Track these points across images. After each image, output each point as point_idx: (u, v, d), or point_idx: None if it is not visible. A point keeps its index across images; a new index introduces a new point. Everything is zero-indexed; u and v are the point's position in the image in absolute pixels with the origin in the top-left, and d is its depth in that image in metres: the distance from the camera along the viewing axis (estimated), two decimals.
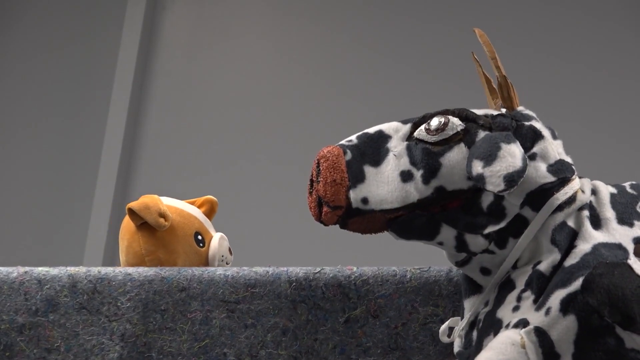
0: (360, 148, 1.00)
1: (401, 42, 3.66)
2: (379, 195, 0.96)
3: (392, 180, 0.97)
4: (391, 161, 0.99)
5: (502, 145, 0.94)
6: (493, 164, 0.92)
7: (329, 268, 1.24)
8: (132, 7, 4.00)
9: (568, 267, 0.92)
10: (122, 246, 1.44)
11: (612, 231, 0.97)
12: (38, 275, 1.31)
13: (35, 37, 4.13)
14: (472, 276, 1.04)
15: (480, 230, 0.97)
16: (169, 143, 3.83)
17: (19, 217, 3.85)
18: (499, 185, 0.91)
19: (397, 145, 1.00)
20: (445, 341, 1.07)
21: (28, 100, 4.06)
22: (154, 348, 1.24)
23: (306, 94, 3.74)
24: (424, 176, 0.97)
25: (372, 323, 1.19)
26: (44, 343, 1.27)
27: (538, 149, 0.99)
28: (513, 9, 3.55)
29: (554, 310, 0.89)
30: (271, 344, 1.22)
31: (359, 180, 0.97)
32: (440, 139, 0.98)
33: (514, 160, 0.92)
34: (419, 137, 0.99)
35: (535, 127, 1.01)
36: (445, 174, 0.96)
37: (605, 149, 3.24)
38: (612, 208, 1.00)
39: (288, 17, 3.93)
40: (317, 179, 0.99)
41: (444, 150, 0.97)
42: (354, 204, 0.96)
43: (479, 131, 0.98)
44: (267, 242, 3.40)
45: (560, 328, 0.87)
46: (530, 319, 0.90)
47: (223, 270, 1.28)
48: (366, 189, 0.97)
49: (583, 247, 0.94)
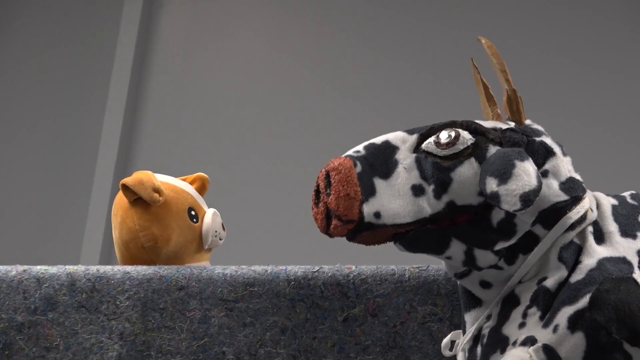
0: (369, 160, 0.97)
1: (399, 40, 3.66)
2: (391, 210, 0.94)
3: (404, 194, 0.95)
4: (401, 174, 0.97)
5: (517, 162, 0.92)
6: (508, 182, 0.90)
7: (328, 267, 1.24)
8: (129, 5, 4.00)
9: (574, 284, 0.92)
10: (115, 222, 1.44)
11: (615, 245, 0.96)
12: (37, 274, 1.31)
13: (32, 35, 4.12)
14: (470, 288, 1.03)
15: (491, 247, 0.96)
16: (165, 142, 3.82)
17: (17, 216, 3.84)
18: (515, 205, 0.89)
19: (405, 157, 0.98)
20: (447, 355, 1.06)
21: (24, 98, 4.05)
22: (152, 347, 1.24)
23: (303, 91, 3.74)
24: (435, 191, 0.95)
25: (370, 322, 1.19)
26: (43, 342, 1.27)
27: (550, 166, 0.98)
28: (513, 8, 3.55)
29: (561, 328, 0.89)
30: (270, 342, 1.22)
31: (371, 194, 0.95)
32: (451, 153, 0.96)
33: (530, 179, 0.91)
34: (428, 150, 0.97)
35: (547, 144, 1.00)
36: (456, 189, 0.95)
37: (605, 149, 3.25)
38: (615, 221, 0.99)
39: (284, 14, 3.93)
40: (326, 191, 0.96)
41: (455, 164, 0.95)
42: (367, 218, 0.94)
43: (489, 146, 0.97)
44: (265, 241, 3.40)
45: (569, 345, 0.88)
46: (537, 337, 0.90)
47: (222, 269, 1.28)
48: (378, 203, 0.94)
49: (588, 262, 0.94)
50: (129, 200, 1.41)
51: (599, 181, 1.05)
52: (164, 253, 1.40)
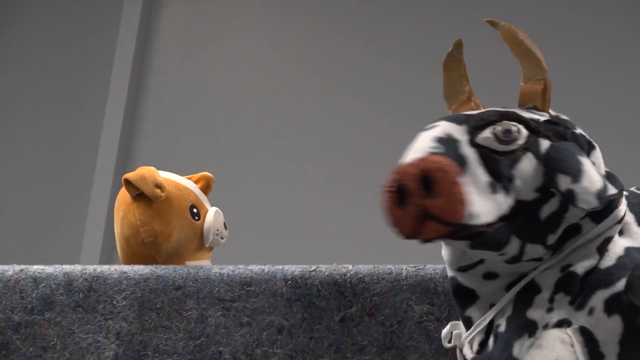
0: (449, 156, 0.91)
1: (399, 40, 3.66)
2: (479, 209, 0.89)
3: (484, 192, 0.91)
4: (473, 169, 0.92)
5: (581, 159, 0.91)
6: (582, 180, 0.89)
7: (325, 266, 1.24)
8: (129, 5, 4.00)
9: (605, 269, 0.91)
10: (117, 218, 1.44)
11: (634, 235, 0.96)
12: (34, 274, 1.31)
13: (32, 35, 4.13)
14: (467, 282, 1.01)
15: (543, 241, 0.94)
16: (165, 143, 3.82)
17: (15, 215, 3.85)
18: (592, 203, 0.89)
19: (469, 152, 0.93)
20: (447, 346, 1.05)
21: (24, 99, 4.05)
22: (149, 346, 1.24)
23: (303, 91, 3.74)
24: (505, 187, 0.92)
25: (367, 321, 1.19)
26: (40, 341, 1.27)
27: (594, 159, 0.97)
28: (513, 9, 3.55)
29: (598, 311, 0.88)
30: (267, 342, 1.21)
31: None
32: (512, 149, 0.93)
33: (597, 176, 0.90)
34: (486, 144, 0.94)
35: (585, 135, 0.99)
36: (519, 185, 0.92)
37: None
38: (630, 211, 0.99)
39: (284, 14, 3.93)
40: (426, 192, 0.88)
41: (515, 160, 0.93)
42: (468, 220, 0.88)
43: (539, 139, 0.94)
44: (263, 240, 3.40)
45: (606, 328, 0.87)
46: (572, 319, 0.89)
47: (219, 268, 1.28)
48: (472, 203, 0.89)
49: (615, 250, 0.93)
50: (132, 196, 1.41)
51: None
52: (165, 249, 1.40)
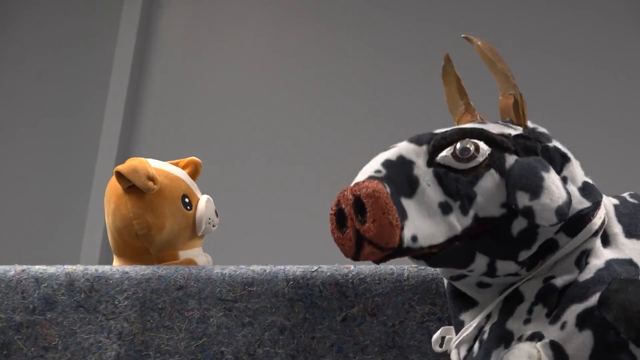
0: (392, 179, 0.92)
1: (399, 40, 3.66)
2: (425, 231, 0.90)
3: (434, 214, 0.91)
4: (426, 192, 0.92)
5: (544, 174, 0.90)
6: (541, 196, 0.88)
7: (327, 266, 1.24)
8: (129, 5, 4.00)
9: (582, 282, 0.91)
10: (109, 209, 1.43)
11: (621, 246, 0.96)
12: (35, 274, 1.31)
13: (32, 35, 4.12)
14: (464, 289, 1.02)
15: (514, 257, 0.94)
16: (165, 143, 3.82)
17: (16, 216, 3.84)
18: (552, 220, 0.88)
19: (424, 172, 0.94)
20: (437, 350, 1.05)
21: (24, 98, 4.05)
22: (151, 346, 1.24)
23: (302, 90, 3.74)
24: (461, 207, 0.92)
25: (369, 321, 1.19)
26: (41, 341, 1.27)
27: (567, 173, 0.96)
28: (512, 9, 3.55)
29: (569, 325, 0.88)
30: (268, 342, 1.21)
31: (404, 217, 0.90)
32: (471, 166, 0.93)
33: (560, 192, 0.89)
34: (445, 163, 0.94)
35: (560, 149, 0.98)
36: (480, 202, 0.92)
37: (604, 150, 3.25)
38: (619, 222, 0.99)
39: (284, 14, 3.93)
40: (358, 218, 0.90)
41: (476, 178, 0.93)
42: (406, 243, 0.89)
43: (504, 155, 0.94)
44: (264, 240, 3.40)
45: (576, 343, 0.87)
46: (544, 333, 0.89)
47: (220, 268, 1.28)
48: (413, 226, 0.90)
49: (596, 263, 0.93)
50: (123, 188, 1.40)
51: (597, 183, 1.05)
52: (158, 241, 1.40)
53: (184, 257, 1.43)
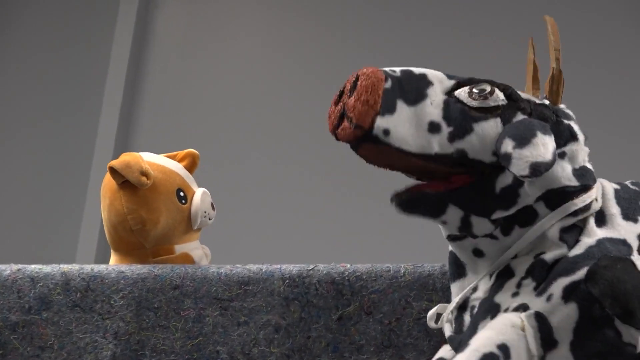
0: (402, 82, 0.97)
1: (396, 39, 3.66)
2: (401, 133, 0.94)
3: (420, 126, 0.95)
4: (426, 107, 0.96)
5: (538, 133, 0.92)
6: (524, 147, 0.90)
7: (323, 265, 1.24)
8: (125, 5, 3.99)
9: (572, 257, 0.92)
10: (104, 204, 1.43)
11: (617, 227, 0.97)
12: (31, 273, 1.31)
13: (28, 35, 4.12)
14: (460, 255, 1.03)
15: (488, 214, 0.96)
16: (162, 142, 3.82)
17: (11, 215, 3.84)
18: (524, 170, 0.89)
19: (436, 95, 0.98)
20: (432, 326, 1.06)
21: (20, 98, 4.04)
22: (147, 346, 1.24)
23: (300, 90, 3.74)
24: (451, 134, 0.95)
25: (365, 320, 1.19)
26: (37, 341, 1.27)
27: (569, 150, 0.98)
28: (512, 9, 3.56)
29: (555, 297, 0.88)
30: (264, 341, 1.21)
31: (389, 111, 0.94)
32: (480, 106, 0.96)
33: (545, 152, 0.91)
34: (459, 97, 0.97)
35: (573, 128, 1.01)
36: (473, 141, 0.95)
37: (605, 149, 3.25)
38: (617, 204, 1.00)
39: (281, 14, 3.93)
40: (349, 93, 0.96)
41: (480, 118, 0.96)
42: (376, 130, 0.93)
43: (517, 113, 0.97)
44: (260, 239, 3.40)
45: (561, 315, 0.87)
46: (530, 304, 0.90)
47: (216, 267, 1.28)
48: (392, 122, 0.94)
49: (587, 241, 0.94)
50: (117, 183, 1.40)
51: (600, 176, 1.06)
52: (153, 235, 1.40)
53: (180, 251, 1.43)
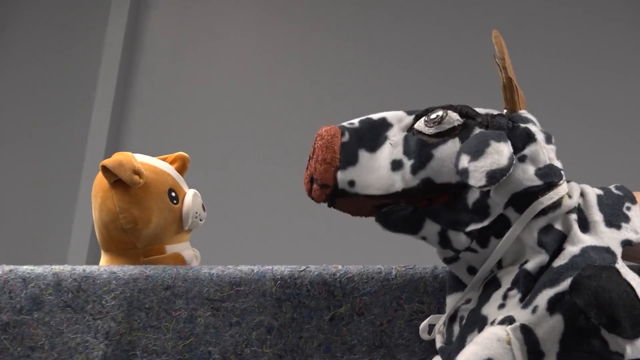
0: (360, 132, 1.01)
1: (389, 41, 3.67)
2: (366, 181, 0.97)
3: (382, 168, 0.98)
4: (386, 149, 0.99)
5: (492, 142, 0.94)
6: (479, 159, 0.93)
7: (314, 266, 1.24)
8: (117, 6, 3.99)
9: (556, 268, 0.92)
10: (96, 204, 1.44)
11: (600, 234, 0.97)
12: (23, 274, 1.31)
13: (18, 36, 4.11)
14: (458, 274, 1.04)
15: (462, 228, 0.98)
16: (153, 144, 3.81)
17: (2, 216, 3.83)
18: (481, 181, 0.92)
19: (396, 134, 1.01)
20: (425, 338, 1.07)
21: (10, 99, 4.03)
22: (138, 346, 1.24)
23: (292, 92, 3.74)
24: (413, 166, 0.97)
25: (357, 321, 1.19)
26: (28, 341, 1.27)
27: (528, 152, 0.99)
28: (512, 9, 3.56)
29: (541, 309, 0.89)
30: (256, 342, 1.22)
31: (350, 163, 0.98)
32: (437, 131, 0.98)
33: (500, 158, 0.93)
34: (417, 128, 1.00)
35: (530, 130, 1.01)
36: (435, 166, 0.97)
37: (604, 149, 3.26)
38: (600, 210, 1.00)
39: (274, 15, 3.93)
40: (312, 156, 1.01)
41: (439, 143, 0.98)
42: (340, 184, 0.97)
43: (475, 128, 0.99)
44: (252, 240, 3.40)
45: (547, 327, 0.88)
46: (516, 317, 0.90)
47: (208, 268, 1.28)
48: (355, 173, 0.97)
49: (572, 249, 0.94)
50: (109, 182, 1.41)
51: (595, 180, 1.06)
52: (144, 235, 1.40)
53: (171, 251, 1.43)
